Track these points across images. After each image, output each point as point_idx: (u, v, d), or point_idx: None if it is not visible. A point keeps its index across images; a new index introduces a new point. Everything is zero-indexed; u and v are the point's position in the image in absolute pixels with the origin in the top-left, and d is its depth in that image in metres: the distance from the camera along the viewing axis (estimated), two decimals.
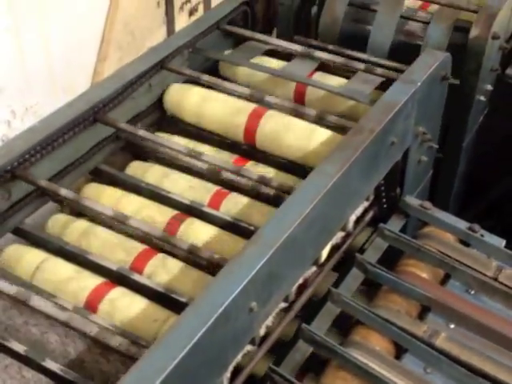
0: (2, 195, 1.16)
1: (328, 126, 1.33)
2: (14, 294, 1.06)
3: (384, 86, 1.35)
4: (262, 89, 1.47)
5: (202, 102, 1.41)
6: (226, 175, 1.29)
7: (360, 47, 1.57)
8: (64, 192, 1.18)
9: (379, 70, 1.44)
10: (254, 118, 1.36)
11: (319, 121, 1.34)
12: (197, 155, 1.27)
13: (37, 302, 1.06)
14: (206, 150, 1.36)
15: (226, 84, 1.43)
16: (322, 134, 1.31)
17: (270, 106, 1.38)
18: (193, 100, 1.41)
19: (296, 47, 1.52)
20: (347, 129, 1.25)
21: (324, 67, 1.51)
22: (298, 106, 1.38)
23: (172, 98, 1.43)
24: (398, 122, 1.27)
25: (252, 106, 1.38)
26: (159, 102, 1.46)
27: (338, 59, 1.48)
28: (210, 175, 1.31)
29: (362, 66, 1.46)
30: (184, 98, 1.42)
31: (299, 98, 1.48)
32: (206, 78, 1.43)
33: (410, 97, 1.28)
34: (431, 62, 1.36)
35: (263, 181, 1.23)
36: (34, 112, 1.52)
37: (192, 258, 1.14)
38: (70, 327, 1.04)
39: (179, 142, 1.34)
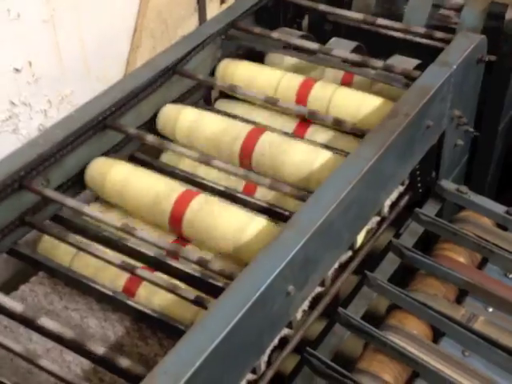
0: (41, 182, 1.18)
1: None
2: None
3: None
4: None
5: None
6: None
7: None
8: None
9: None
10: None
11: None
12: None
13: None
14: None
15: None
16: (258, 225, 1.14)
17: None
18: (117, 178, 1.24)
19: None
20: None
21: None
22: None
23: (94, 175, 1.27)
24: (434, 106, 1.26)
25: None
26: (189, 91, 1.47)
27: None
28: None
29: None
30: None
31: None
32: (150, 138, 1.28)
33: (445, 80, 1.27)
34: (467, 44, 1.35)
35: (201, 263, 1.09)
36: (70, 101, 1.53)
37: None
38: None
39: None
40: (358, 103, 1.35)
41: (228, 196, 1.27)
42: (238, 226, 1.12)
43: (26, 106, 1.44)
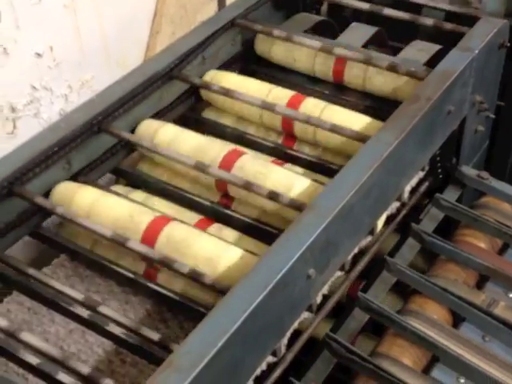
0: (63, 166, 1.19)
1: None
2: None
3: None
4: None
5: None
6: None
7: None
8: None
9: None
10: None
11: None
12: None
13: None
14: None
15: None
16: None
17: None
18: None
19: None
20: None
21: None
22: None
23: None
24: (455, 91, 1.26)
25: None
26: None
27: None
28: None
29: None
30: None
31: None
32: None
33: (467, 65, 1.26)
34: (489, 29, 1.34)
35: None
36: (90, 86, 1.54)
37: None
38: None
39: None
40: None
41: None
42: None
43: (47, 91, 1.46)
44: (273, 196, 1.11)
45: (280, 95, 1.37)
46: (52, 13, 1.42)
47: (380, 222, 1.21)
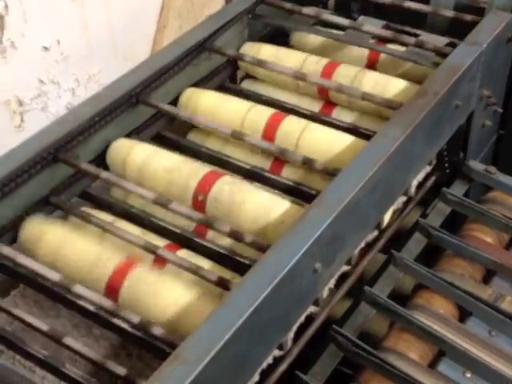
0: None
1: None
2: None
3: None
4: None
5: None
6: None
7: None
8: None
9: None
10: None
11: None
12: None
13: None
14: None
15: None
16: None
17: None
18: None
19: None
20: None
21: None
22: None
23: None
24: (463, 85, 1.25)
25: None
26: (217, 70, 1.47)
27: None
28: None
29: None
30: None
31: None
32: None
33: (475, 59, 1.26)
34: (497, 23, 1.33)
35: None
36: (97, 80, 1.54)
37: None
38: None
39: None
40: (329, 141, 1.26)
41: (254, 175, 1.27)
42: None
43: (54, 84, 1.46)
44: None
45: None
46: (59, 6, 1.42)
47: (386, 217, 1.20)
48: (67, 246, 1.07)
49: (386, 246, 1.22)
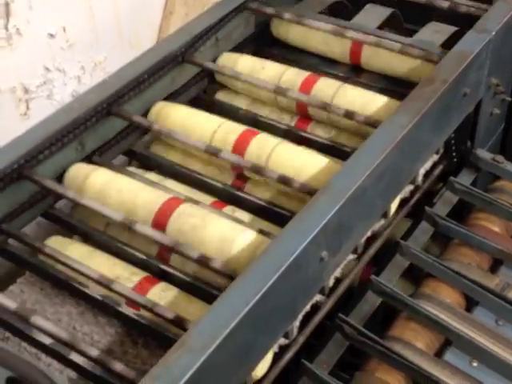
0: (75, 148, 1.18)
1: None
2: None
3: None
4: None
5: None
6: None
7: None
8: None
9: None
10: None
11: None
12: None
13: None
14: None
15: None
16: None
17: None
18: None
19: None
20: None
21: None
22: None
23: None
24: (471, 73, 1.24)
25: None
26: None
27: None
28: None
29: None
30: None
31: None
32: None
33: (483, 46, 1.24)
34: (506, 10, 1.32)
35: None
36: (103, 68, 1.54)
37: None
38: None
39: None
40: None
41: None
42: None
43: (59, 72, 1.45)
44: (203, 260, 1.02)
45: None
46: None
47: (393, 206, 1.20)
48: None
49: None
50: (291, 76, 1.36)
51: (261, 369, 0.98)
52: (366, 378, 1.02)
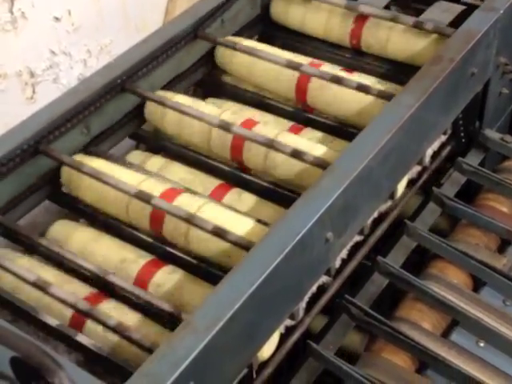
0: (81, 130, 1.18)
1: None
2: None
3: None
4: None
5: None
6: None
7: None
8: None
9: None
10: None
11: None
12: None
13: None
14: None
15: None
16: None
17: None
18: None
19: None
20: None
21: None
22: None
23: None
24: (479, 52, 1.23)
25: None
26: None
27: None
28: None
29: None
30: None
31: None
32: None
33: (491, 25, 1.23)
34: None
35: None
36: (109, 51, 1.54)
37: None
38: None
39: None
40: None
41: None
42: None
43: (65, 56, 1.45)
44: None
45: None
46: None
47: (400, 187, 1.19)
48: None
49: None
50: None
51: (267, 350, 0.98)
52: (372, 358, 1.02)
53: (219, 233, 1.00)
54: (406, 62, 1.34)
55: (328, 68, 1.32)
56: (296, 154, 1.11)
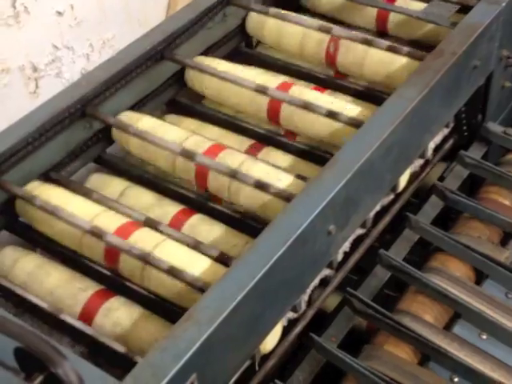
0: (83, 126, 1.19)
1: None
2: None
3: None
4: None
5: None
6: None
7: None
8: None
9: None
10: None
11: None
12: None
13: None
14: None
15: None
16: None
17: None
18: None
19: None
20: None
21: None
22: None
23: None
24: (482, 45, 1.22)
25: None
26: (233, 32, 1.45)
27: None
28: None
29: None
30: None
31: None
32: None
33: (494, 18, 1.22)
34: None
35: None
36: (111, 46, 1.54)
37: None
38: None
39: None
40: None
41: (269, 139, 1.26)
42: None
43: (68, 50, 1.45)
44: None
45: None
46: None
47: (403, 180, 1.19)
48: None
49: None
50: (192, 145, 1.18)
51: (270, 342, 0.98)
52: (374, 350, 1.02)
53: (174, 273, 0.95)
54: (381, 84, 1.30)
55: (298, 89, 1.25)
56: (260, 186, 1.06)
